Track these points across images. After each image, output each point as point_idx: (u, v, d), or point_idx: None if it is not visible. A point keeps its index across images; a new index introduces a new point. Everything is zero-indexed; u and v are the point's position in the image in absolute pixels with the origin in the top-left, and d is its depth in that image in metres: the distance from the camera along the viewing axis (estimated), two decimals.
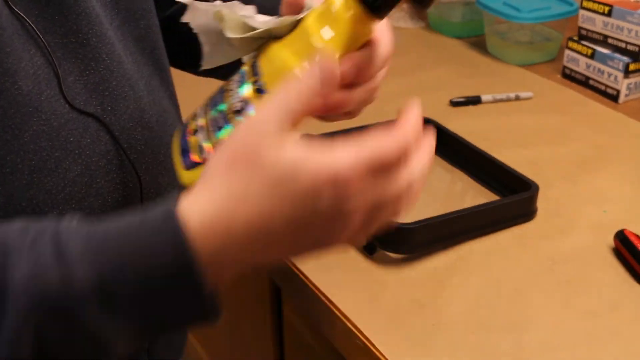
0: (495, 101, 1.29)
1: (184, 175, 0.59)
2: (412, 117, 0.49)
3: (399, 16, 1.63)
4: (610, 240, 0.93)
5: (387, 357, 0.77)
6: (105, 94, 0.57)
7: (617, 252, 0.91)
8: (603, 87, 1.31)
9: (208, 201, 0.46)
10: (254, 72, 0.57)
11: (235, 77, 0.59)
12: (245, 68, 0.58)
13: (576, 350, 0.78)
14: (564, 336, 0.80)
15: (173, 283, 0.46)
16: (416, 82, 1.36)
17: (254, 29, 0.57)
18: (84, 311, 0.44)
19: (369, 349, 0.79)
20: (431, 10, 1.61)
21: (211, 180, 0.47)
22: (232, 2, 0.57)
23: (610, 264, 0.90)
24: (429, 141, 0.51)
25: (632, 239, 0.90)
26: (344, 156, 0.47)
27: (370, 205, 0.48)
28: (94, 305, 0.44)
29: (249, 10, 0.57)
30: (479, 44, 1.52)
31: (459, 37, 1.56)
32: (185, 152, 0.58)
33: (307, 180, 0.45)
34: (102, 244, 0.45)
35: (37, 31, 0.53)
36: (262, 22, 0.57)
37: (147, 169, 0.63)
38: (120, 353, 0.48)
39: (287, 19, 0.56)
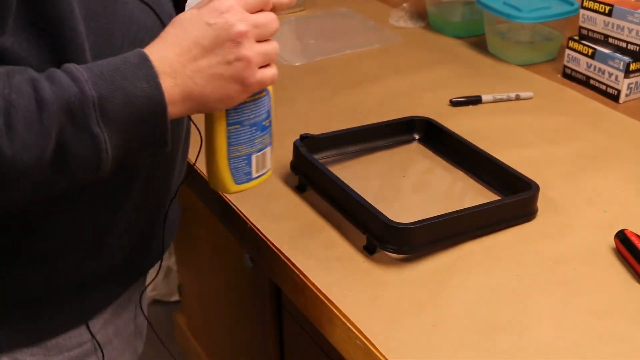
0: (496, 101, 1.29)
1: (235, 187, 0.80)
2: None
3: (399, 16, 1.63)
4: (610, 240, 0.93)
5: (387, 357, 0.77)
6: None
7: (618, 252, 0.91)
8: (604, 87, 1.31)
9: (154, 54, 0.68)
10: None
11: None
12: None
13: (576, 350, 0.78)
14: (564, 336, 0.80)
15: (149, 100, 0.66)
16: (416, 82, 1.36)
17: None
18: (91, 118, 0.63)
19: (369, 349, 0.79)
20: (431, 10, 1.61)
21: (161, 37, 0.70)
22: None
23: (611, 264, 0.90)
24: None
25: (633, 239, 0.89)
26: None
27: (251, 27, 0.70)
28: (97, 114, 0.63)
29: None
30: (479, 44, 1.52)
31: (459, 37, 1.56)
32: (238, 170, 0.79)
33: (198, 10, 0.70)
34: (99, 74, 0.64)
35: None
36: None
37: None
38: (106, 162, 0.65)
39: None
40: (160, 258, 0.94)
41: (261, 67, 0.72)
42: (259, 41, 0.71)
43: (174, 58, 0.68)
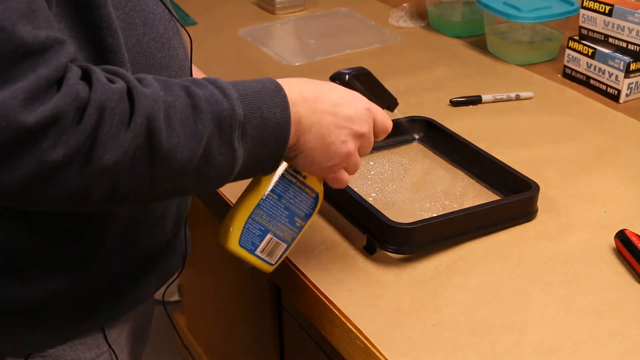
0: (496, 101, 1.29)
1: (235, 246, 0.83)
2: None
3: (399, 16, 1.63)
4: (610, 240, 0.93)
5: (387, 357, 0.77)
6: None
7: (618, 252, 0.91)
8: (604, 87, 1.31)
9: (294, 88, 0.76)
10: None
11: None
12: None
13: (576, 350, 0.78)
14: (564, 336, 0.80)
15: (277, 126, 0.71)
16: (416, 82, 1.36)
17: None
18: (235, 134, 0.68)
19: (369, 349, 0.79)
20: (431, 10, 1.61)
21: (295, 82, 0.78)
22: None
23: (611, 264, 0.90)
24: None
25: (633, 239, 0.89)
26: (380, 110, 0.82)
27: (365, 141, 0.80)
28: (239, 131, 0.68)
29: None
30: (479, 43, 1.52)
31: (459, 37, 1.56)
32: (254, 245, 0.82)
33: (358, 99, 0.80)
34: (244, 95, 0.70)
35: None
36: None
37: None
38: (231, 176, 0.70)
39: None
40: (183, 263, 0.94)
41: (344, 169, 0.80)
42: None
43: (308, 98, 0.75)
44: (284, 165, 0.80)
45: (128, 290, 0.84)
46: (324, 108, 0.76)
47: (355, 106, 0.78)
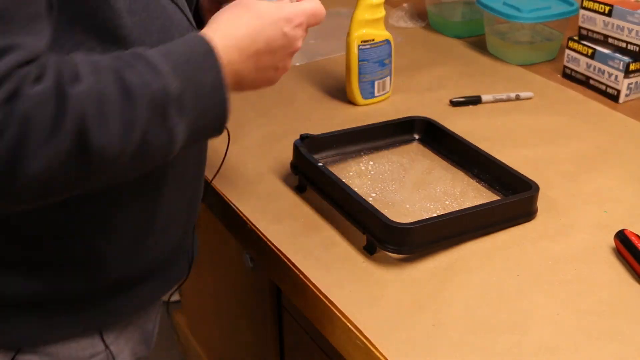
0: (496, 101, 1.29)
1: (363, 102, 1.27)
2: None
3: (399, 16, 1.63)
4: (610, 240, 0.93)
5: (387, 357, 0.77)
6: None
7: (618, 252, 0.91)
8: (603, 87, 1.31)
9: (222, 33, 0.74)
10: None
11: None
12: None
13: (576, 350, 0.78)
14: (564, 336, 0.80)
15: (213, 91, 0.69)
16: (416, 82, 1.36)
17: None
18: (171, 111, 0.66)
19: (369, 349, 0.79)
20: (431, 10, 1.61)
21: (219, 19, 0.76)
22: None
23: (611, 264, 0.90)
24: None
25: (633, 239, 0.89)
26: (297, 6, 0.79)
27: (300, 38, 0.79)
28: (176, 108, 0.66)
29: None
30: (479, 44, 1.52)
31: (459, 37, 1.56)
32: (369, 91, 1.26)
33: (279, 13, 0.77)
34: (174, 66, 0.67)
35: None
36: None
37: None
38: (174, 152, 0.68)
39: None
40: (189, 269, 0.95)
41: None
42: None
43: (244, 52, 0.74)
44: None
45: (127, 296, 0.84)
46: (259, 48, 0.75)
47: (288, 32, 0.77)
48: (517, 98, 1.29)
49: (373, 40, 1.23)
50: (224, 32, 0.73)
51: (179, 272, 0.93)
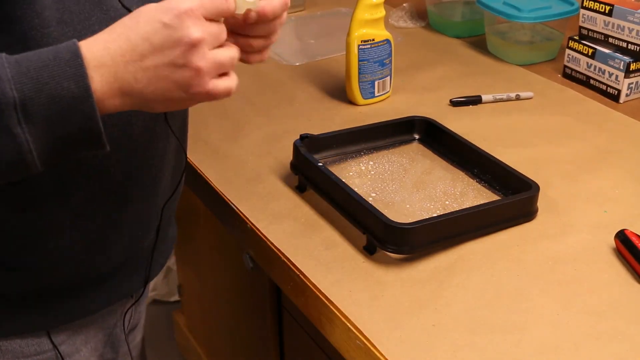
0: (496, 101, 1.29)
1: (363, 101, 1.27)
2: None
3: (399, 16, 1.63)
4: (610, 240, 0.93)
5: (387, 357, 0.77)
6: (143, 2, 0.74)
7: (618, 252, 0.91)
8: (604, 87, 1.31)
9: (94, 39, 0.66)
10: None
11: None
12: None
13: (576, 350, 0.78)
14: (564, 336, 0.80)
15: (75, 101, 0.63)
16: (416, 82, 1.36)
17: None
18: (12, 119, 0.61)
19: (369, 349, 0.79)
20: (431, 10, 1.61)
21: (103, 35, 0.67)
22: None
23: (611, 264, 0.90)
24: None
25: (633, 239, 0.89)
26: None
27: (206, 38, 0.66)
28: (19, 115, 0.61)
29: None
30: (479, 43, 1.52)
31: (459, 37, 1.56)
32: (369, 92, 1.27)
33: (156, 7, 0.66)
34: (25, 72, 0.62)
35: None
36: None
37: None
38: (32, 162, 0.63)
39: None
40: (144, 287, 0.94)
41: (219, 75, 0.68)
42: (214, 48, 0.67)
43: (117, 52, 0.64)
44: None
45: (67, 302, 0.85)
46: (136, 47, 0.65)
47: (170, 22, 0.65)
48: (517, 98, 1.29)
49: (373, 40, 1.23)
50: (96, 38, 0.66)
51: (128, 288, 0.92)
